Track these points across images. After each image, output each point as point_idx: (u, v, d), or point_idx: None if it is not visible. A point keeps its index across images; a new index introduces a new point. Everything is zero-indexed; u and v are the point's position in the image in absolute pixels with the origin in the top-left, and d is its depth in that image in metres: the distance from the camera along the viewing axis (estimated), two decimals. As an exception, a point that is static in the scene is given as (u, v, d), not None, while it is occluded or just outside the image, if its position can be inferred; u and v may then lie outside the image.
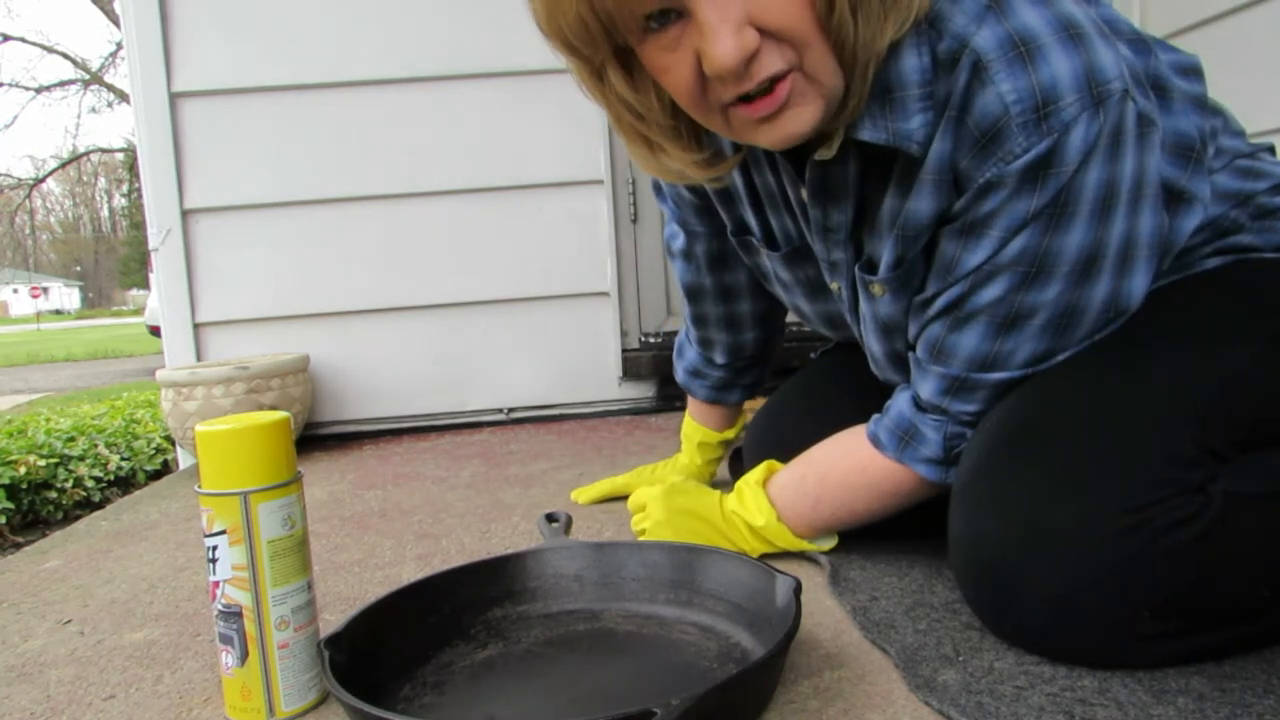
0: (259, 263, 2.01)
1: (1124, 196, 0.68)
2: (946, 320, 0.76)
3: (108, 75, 20.67)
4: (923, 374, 0.80)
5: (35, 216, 41.33)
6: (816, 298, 0.95)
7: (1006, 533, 0.68)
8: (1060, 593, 0.65)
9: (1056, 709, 0.61)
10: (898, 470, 0.84)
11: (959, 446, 0.80)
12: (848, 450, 0.88)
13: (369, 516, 1.34)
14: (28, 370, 8.64)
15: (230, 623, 0.68)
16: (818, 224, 0.83)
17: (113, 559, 1.22)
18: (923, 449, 0.82)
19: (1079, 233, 0.68)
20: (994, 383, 0.76)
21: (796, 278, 0.95)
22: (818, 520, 0.91)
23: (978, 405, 0.78)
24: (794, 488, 0.91)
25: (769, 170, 0.86)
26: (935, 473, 0.82)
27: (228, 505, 0.67)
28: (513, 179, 2.04)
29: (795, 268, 0.93)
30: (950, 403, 0.79)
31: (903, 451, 0.83)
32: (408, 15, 1.98)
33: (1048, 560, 0.66)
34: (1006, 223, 0.69)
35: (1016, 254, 0.70)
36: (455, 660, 0.75)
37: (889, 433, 0.84)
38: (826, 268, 0.88)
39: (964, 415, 0.79)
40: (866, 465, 0.86)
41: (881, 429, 0.85)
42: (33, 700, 0.78)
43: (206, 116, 1.96)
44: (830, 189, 0.79)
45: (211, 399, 1.76)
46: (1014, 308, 0.72)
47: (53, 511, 2.04)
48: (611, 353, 2.09)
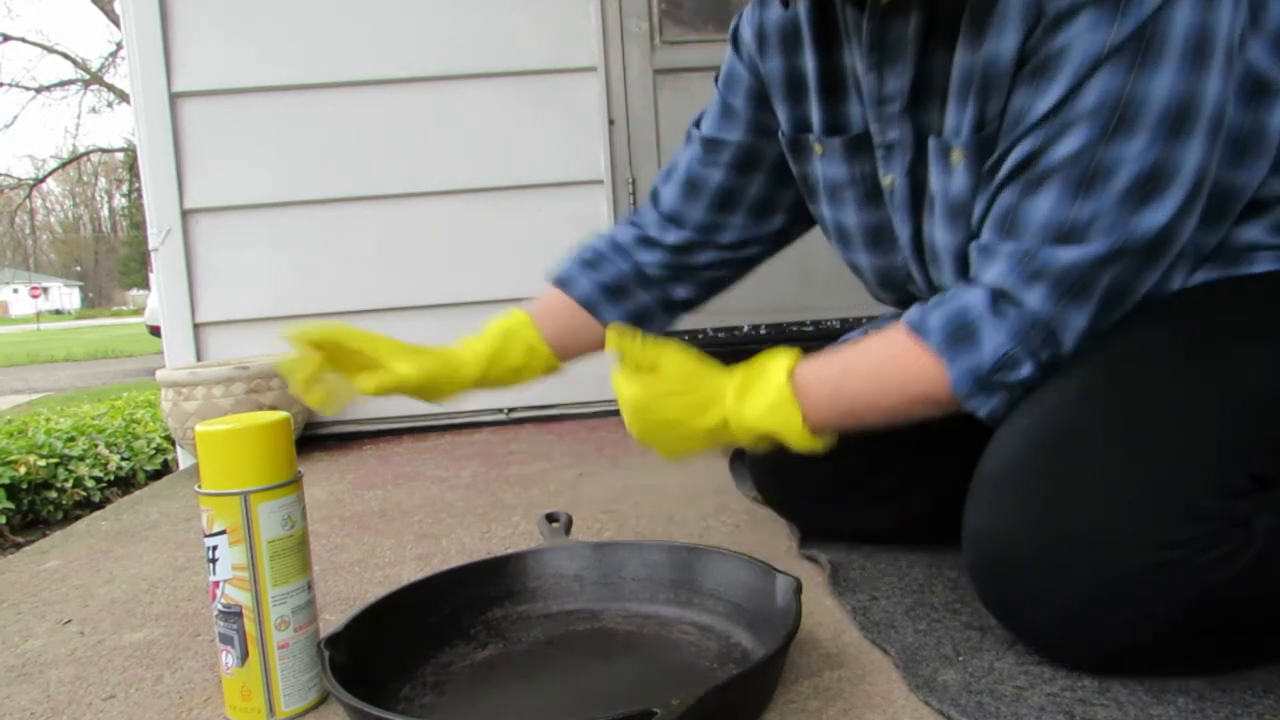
0: (259, 263, 2.01)
1: (1220, 49, 0.61)
2: (1018, 184, 0.67)
3: (108, 75, 20.67)
4: (988, 258, 0.69)
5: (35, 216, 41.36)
6: (868, 206, 0.86)
7: (1033, 537, 0.64)
8: (1078, 609, 0.63)
9: (1057, 709, 0.61)
10: (933, 368, 0.70)
11: (1012, 378, 0.68)
12: (886, 340, 0.75)
13: (369, 516, 1.34)
14: (28, 370, 8.64)
15: (230, 623, 0.68)
16: (872, 94, 0.77)
17: (113, 559, 1.22)
18: (971, 355, 0.69)
19: (1167, 77, 0.60)
20: (1068, 264, 0.65)
21: (851, 176, 0.85)
22: (833, 413, 0.75)
23: (1047, 302, 0.66)
24: (815, 372, 0.76)
25: (836, 48, 0.82)
26: (968, 386, 0.69)
27: (228, 505, 0.67)
28: (513, 179, 2.04)
29: (852, 161, 0.84)
30: (1019, 288, 0.67)
31: (949, 348, 0.69)
32: (408, 15, 1.98)
33: (1073, 575, 0.62)
34: (1081, 59, 0.62)
35: (1095, 99, 0.62)
36: (455, 660, 0.75)
37: (943, 321, 0.70)
38: (882, 156, 0.80)
39: (1032, 319, 0.67)
40: (900, 356, 0.72)
41: (934, 314, 0.71)
42: (33, 700, 0.78)
43: (206, 116, 1.96)
44: (888, 47, 0.74)
45: (211, 399, 1.76)
46: (1093, 163, 0.63)
47: (53, 511, 2.04)
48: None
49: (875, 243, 0.87)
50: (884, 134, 0.79)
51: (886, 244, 0.86)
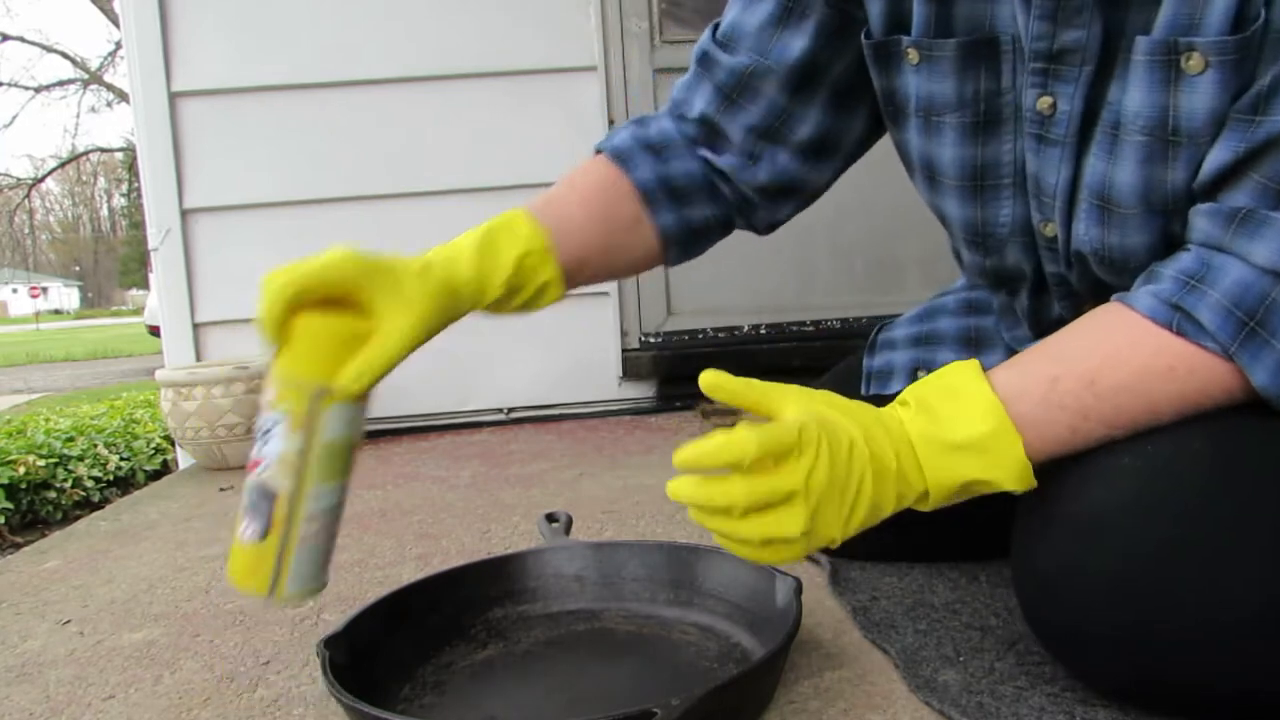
0: (259, 262, 1.98)
1: None
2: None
3: (107, 75, 20.68)
4: (1253, 234, 0.53)
5: (34, 216, 41.36)
6: (976, 138, 0.68)
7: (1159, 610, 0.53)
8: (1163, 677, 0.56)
9: (1057, 709, 0.61)
10: (1226, 375, 0.54)
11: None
12: (1129, 341, 0.56)
13: (369, 516, 1.34)
14: (27, 370, 8.63)
15: (262, 500, 0.64)
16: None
17: (112, 559, 1.22)
18: (1276, 342, 0.53)
19: None
20: None
21: (961, 96, 0.66)
22: (1078, 439, 0.56)
23: None
24: (1041, 393, 0.56)
25: None
26: (1276, 382, 0.53)
27: (298, 393, 0.62)
28: (513, 179, 2.04)
29: (964, 75, 0.66)
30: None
31: (1245, 345, 0.53)
32: (407, 15, 1.98)
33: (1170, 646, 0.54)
34: None
35: None
36: (456, 660, 0.75)
37: (1222, 314, 0.53)
38: (1037, 70, 0.61)
39: None
40: (1173, 365, 0.55)
41: (1204, 307, 0.54)
42: (32, 700, 0.78)
43: (206, 116, 1.96)
44: None
45: (211, 399, 1.76)
46: None
47: (52, 512, 2.04)
48: (611, 353, 2.09)
49: (975, 188, 0.69)
50: (1055, 35, 0.59)
51: (990, 190, 0.69)
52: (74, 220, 44.95)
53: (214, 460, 1.83)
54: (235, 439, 1.79)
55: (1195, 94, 0.54)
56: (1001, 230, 0.70)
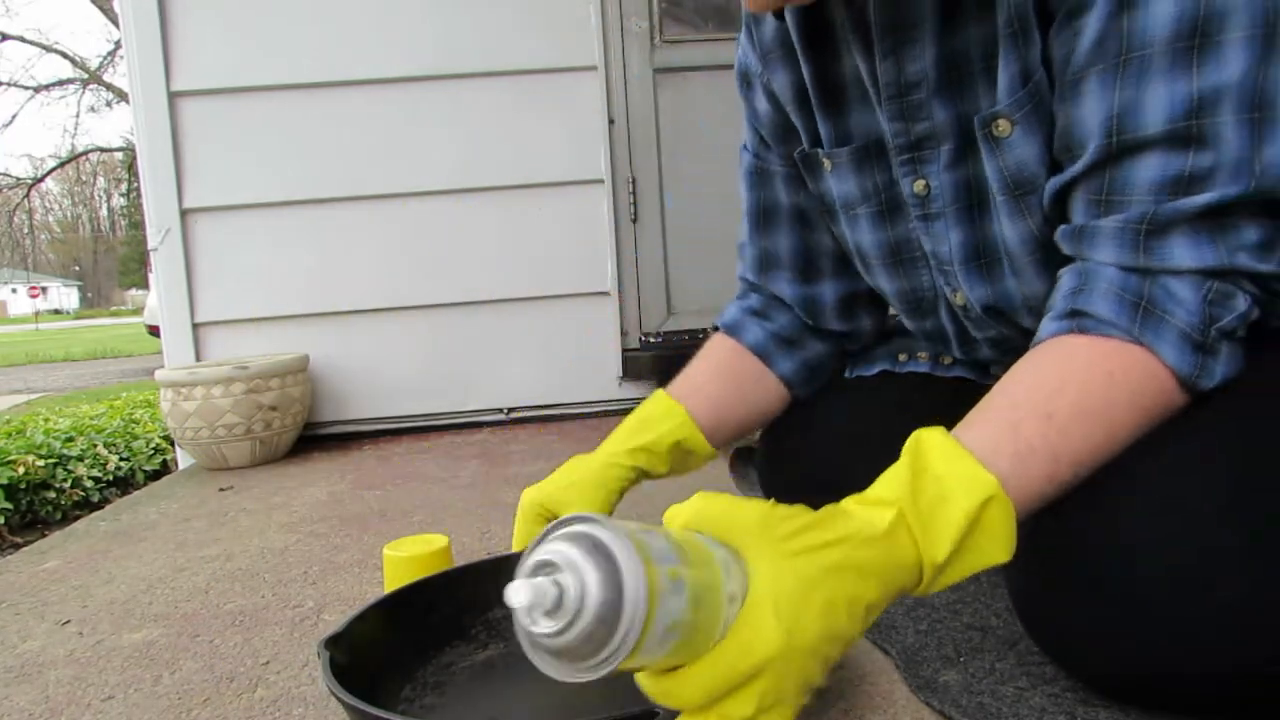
0: (259, 263, 2.01)
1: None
2: (1108, 148, 0.56)
3: (106, 74, 20.66)
4: (1093, 243, 0.58)
5: (34, 216, 41.34)
6: (883, 222, 0.78)
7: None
8: (1163, 684, 0.56)
9: (1058, 709, 0.61)
10: (1147, 360, 0.55)
11: (1228, 322, 0.55)
12: (1059, 364, 0.57)
13: (369, 516, 1.33)
14: (26, 370, 8.63)
15: None
16: (890, 84, 0.69)
17: (112, 559, 1.22)
18: (1171, 318, 0.55)
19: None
20: (1195, 213, 0.54)
21: (863, 190, 0.78)
22: (1053, 484, 0.55)
23: (1200, 247, 0.55)
24: (1012, 444, 0.54)
25: (832, 54, 0.75)
26: (1186, 359, 0.55)
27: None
28: (513, 179, 2.04)
29: (861, 173, 0.77)
30: (1153, 255, 0.56)
31: (1145, 325, 0.55)
32: (407, 15, 1.98)
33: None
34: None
35: (1172, 21, 0.52)
36: (456, 660, 0.75)
37: (1113, 301, 0.56)
38: (906, 160, 0.72)
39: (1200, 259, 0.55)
40: (1108, 369, 0.56)
41: (1095, 302, 0.57)
42: (31, 701, 0.77)
43: (206, 116, 1.96)
44: (904, 25, 0.67)
45: (211, 399, 1.76)
46: (1194, 99, 0.52)
47: (51, 512, 2.03)
48: (611, 353, 2.09)
49: (895, 263, 0.80)
50: (910, 130, 0.70)
51: (908, 263, 0.80)
52: (73, 220, 44.95)
53: (213, 460, 1.82)
54: (235, 439, 1.79)
55: (1014, 150, 0.64)
56: (928, 294, 0.81)
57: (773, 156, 0.89)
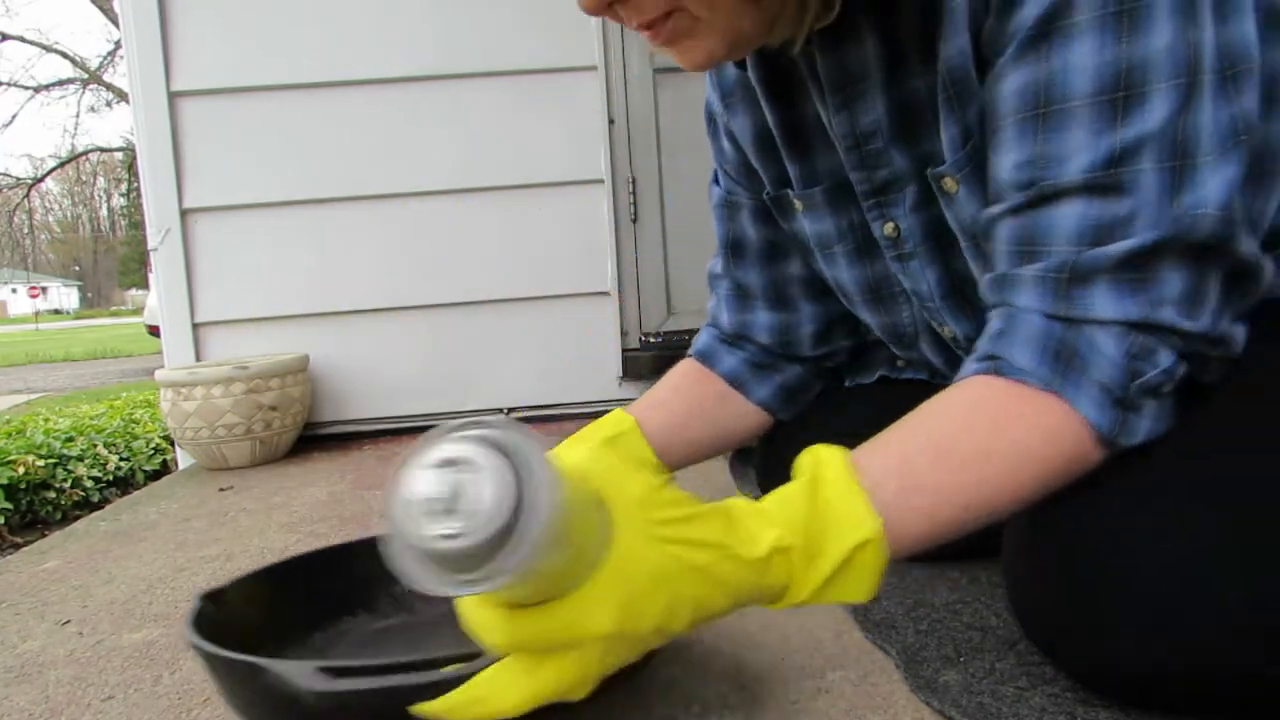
0: (259, 262, 2.01)
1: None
2: (1028, 196, 0.56)
3: (106, 74, 20.68)
4: (1015, 291, 0.57)
5: (34, 216, 41.34)
6: (861, 260, 0.79)
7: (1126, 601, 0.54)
8: (1159, 681, 0.56)
9: (1058, 710, 0.61)
10: (1057, 411, 0.53)
11: (1153, 375, 0.53)
12: (977, 405, 0.56)
13: (369, 516, 1.33)
14: (26, 370, 8.63)
15: None
16: (846, 135, 0.70)
17: (112, 559, 1.22)
18: (1092, 370, 0.53)
19: (1163, 34, 0.51)
20: (1117, 262, 0.53)
21: (839, 229, 0.78)
22: (938, 527, 0.54)
23: (1119, 299, 0.53)
24: (899, 478, 0.53)
25: (799, 98, 0.76)
26: (1106, 414, 0.53)
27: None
28: (513, 179, 2.04)
29: (837, 213, 0.77)
30: (1074, 305, 0.54)
31: (1063, 375, 0.53)
32: (407, 15, 1.98)
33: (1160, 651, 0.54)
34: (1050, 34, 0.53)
35: (1093, 73, 0.52)
36: (353, 629, 0.73)
37: (1034, 349, 0.54)
38: (873, 204, 0.73)
39: (1126, 311, 0.53)
40: (1024, 415, 0.54)
41: (1016, 348, 0.55)
42: (31, 701, 0.77)
43: (206, 116, 1.96)
44: (852, 79, 0.67)
45: (211, 399, 1.76)
46: (1115, 149, 0.52)
47: (51, 512, 2.03)
48: (611, 353, 2.09)
49: (876, 299, 0.81)
50: (871, 177, 0.71)
51: (888, 299, 0.80)
52: (73, 220, 44.96)
53: (213, 460, 1.82)
54: (234, 439, 1.79)
55: (963, 206, 0.65)
56: (909, 329, 0.81)
57: (741, 190, 0.89)
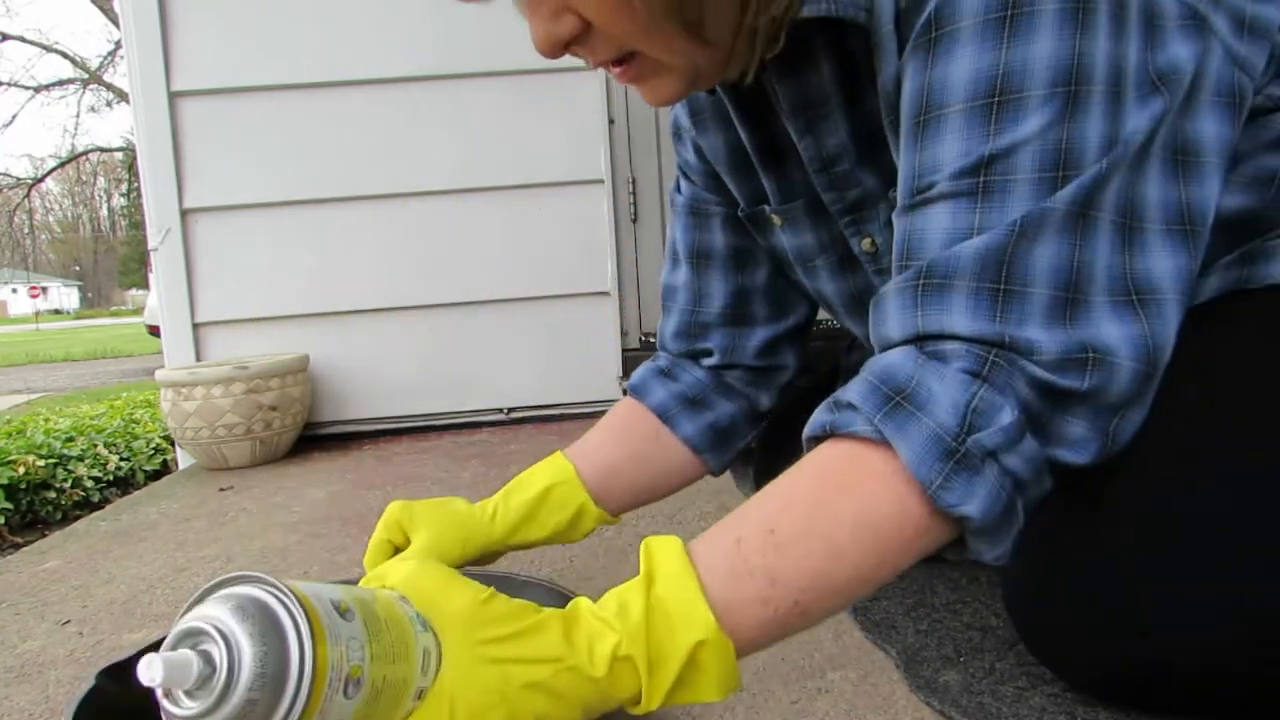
0: (259, 263, 2.01)
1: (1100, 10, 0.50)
2: (904, 217, 0.56)
3: (107, 74, 20.67)
4: (883, 308, 0.55)
5: (34, 216, 41.34)
6: (843, 273, 0.78)
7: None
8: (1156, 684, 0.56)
9: (1058, 709, 0.61)
10: (880, 461, 0.49)
11: (992, 435, 0.48)
12: (801, 473, 0.53)
13: (369, 516, 1.33)
14: (26, 370, 8.63)
15: None
16: (814, 159, 0.70)
17: (112, 559, 1.22)
18: (922, 418, 0.49)
19: (1045, 42, 0.50)
20: (975, 254, 0.50)
21: (820, 243, 0.77)
22: (770, 608, 0.49)
23: (975, 314, 0.50)
24: (727, 562, 0.49)
25: (772, 116, 0.75)
26: (935, 464, 0.48)
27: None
28: (513, 179, 2.04)
29: (818, 226, 0.76)
30: (931, 315, 0.51)
31: (890, 416, 0.49)
32: (406, 15, 1.98)
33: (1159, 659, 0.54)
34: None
35: (963, 89, 0.52)
36: None
37: (868, 389, 0.51)
38: (849, 221, 0.73)
39: (976, 339, 0.50)
40: (844, 475, 0.51)
41: (854, 390, 0.52)
42: (31, 701, 0.77)
43: (206, 116, 1.96)
44: (812, 103, 0.67)
45: (211, 399, 1.76)
46: (985, 154, 0.51)
47: (52, 512, 2.03)
48: (611, 353, 2.09)
49: (860, 308, 0.79)
50: (844, 196, 0.71)
51: (861, 273, 0.79)
52: (74, 220, 44.95)
53: (214, 460, 1.83)
54: (235, 439, 1.79)
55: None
56: None
57: (710, 198, 0.87)
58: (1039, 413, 0.50)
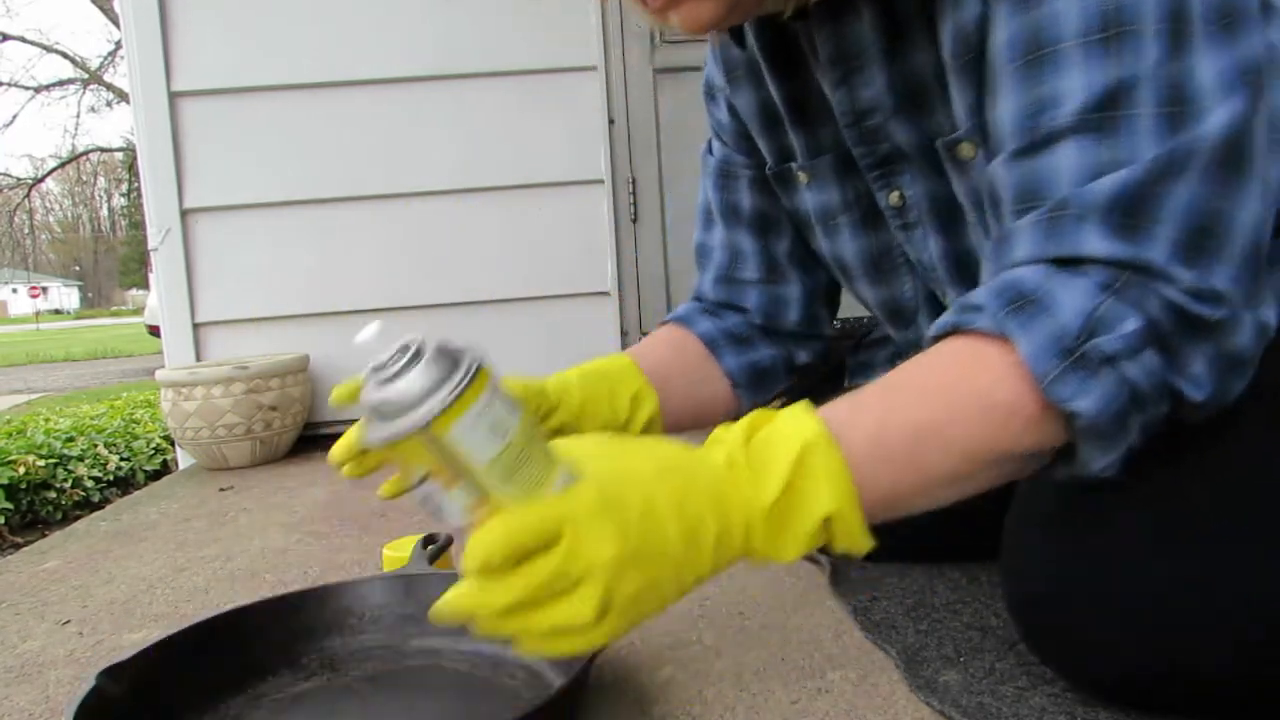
0: (259, 263, 2.01)
1: None
2: (1023, 153, 0.54)
3: (107, 75, 20.67)
4: (1011, 241, 0.54)
5: (34, 216, 41.34)
6: (865, 231, 0.78)
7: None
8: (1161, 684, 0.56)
9: (1058, 709, 0.61)
10: (1000, 356, 0.51)
11: (1113, 343, 0.49)
12: (921, 359, 0.55)
13: (369, 516, 1.33)
14: (27, 370, 8.63)
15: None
16: (846, 112, 0.70)
17: (112, 559, 1.22)
18: (1045, 319, 0.50)
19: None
20: (1114, 190, 0.50)
21: (845, 199, 0.78)
22: (899, 488, 0.52)
23: (1109, 240, 0.50)
24: (864, 432, 0.52)
25: (803, 70, 0.75)
26: (1051, 361, 0.49)
27: (410, 449, 0.48)
28: (513, 179, 2.04)
29: (844, 182, 0.77)
30: (1067, 242, 0.51)
31: (1013, 317, 0.51)
32: (407, 15, 1.98)
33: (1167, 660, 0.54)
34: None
35: (1080, 14, 0.51)
36: (270, 692, 0.71)
37: (995, 291, 0.52)
38: (877, 175, 0.73)
39: (1109, 261, 0.50)
40: (958, 362, 0.53)
41: (982, 291, 0.53)
42: (31, 701, 0.77)
43: (206, 116, 1.96)
44: (850, 54, 0.67)
45: (211, 399, 1.76)
46: (1106, 93, 0.51)
47: (52, 512, 2.03)
48: (612, 353, 2.09)
49: (876, 271, 0.80)
50: (874, 150, 0.71)
51: (889, 271, 0.80)
52: (74, 220, 44.95)
53: (214, 460, 1.83)
54: (235, 439, 1.79)
55: (981, 173, 0.62)
56: (909, 303, 0.80)
57: (739, 159, 0.88)
58: (1167, 334, 0.50)
